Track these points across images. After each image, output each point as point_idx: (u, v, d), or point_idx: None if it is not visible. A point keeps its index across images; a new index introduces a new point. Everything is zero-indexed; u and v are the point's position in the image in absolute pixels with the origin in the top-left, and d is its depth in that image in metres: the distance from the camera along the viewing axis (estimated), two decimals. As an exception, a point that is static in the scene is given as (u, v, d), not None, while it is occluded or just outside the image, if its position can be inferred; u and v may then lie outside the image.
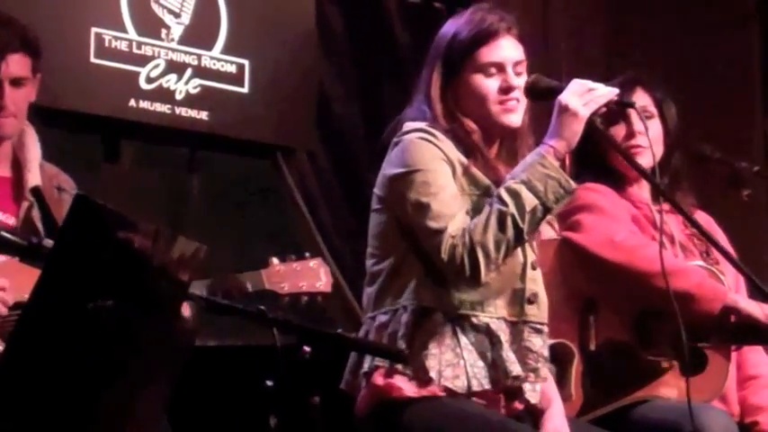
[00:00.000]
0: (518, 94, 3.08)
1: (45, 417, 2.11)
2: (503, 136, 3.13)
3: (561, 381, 3.34)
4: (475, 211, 3.00)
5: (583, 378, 3.52)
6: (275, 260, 3.52)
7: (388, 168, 3.06)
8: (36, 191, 3.29)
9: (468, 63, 3.08)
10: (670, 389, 3.49)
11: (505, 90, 3.07)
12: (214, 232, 5.10)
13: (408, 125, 3.07)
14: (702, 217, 3.59)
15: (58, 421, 2.12)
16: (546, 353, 3.08)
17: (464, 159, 3.04)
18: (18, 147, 3.35)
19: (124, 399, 2.25)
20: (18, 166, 3.34)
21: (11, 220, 3.26)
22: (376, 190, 3.10)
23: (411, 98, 3.16)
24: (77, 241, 2.14)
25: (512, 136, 3.14)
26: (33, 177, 3.32)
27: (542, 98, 3.11)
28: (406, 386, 2.97)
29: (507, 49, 3.09)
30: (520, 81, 3.08)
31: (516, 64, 3.09)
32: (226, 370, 4.64)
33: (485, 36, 3.07)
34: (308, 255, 3.67)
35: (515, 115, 3.08)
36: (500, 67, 3.07)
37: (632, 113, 3.63)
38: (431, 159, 3.00)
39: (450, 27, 3.13)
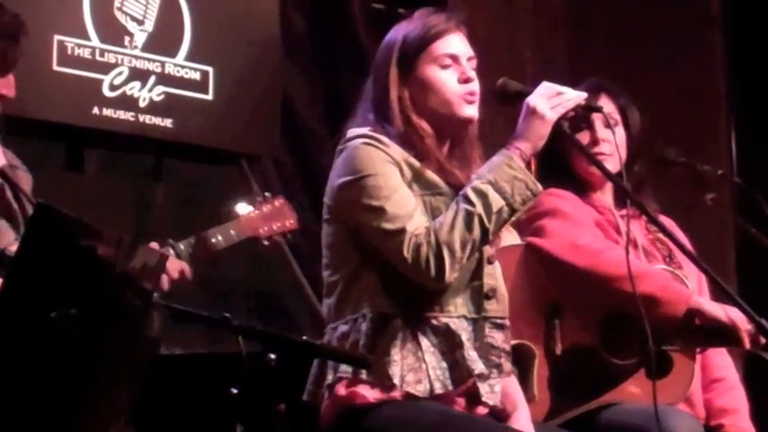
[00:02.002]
0: (475, 86, 3.08)
1: (6, 426, 2.09)
2: (455, 134, 3.13)
3: (524, 381, 3.34)
4: (428, 211, 3.00)
5: (549, 382, 3.53)
6: (244, 206, 3.62)
7: (336, 177, 3.04)
8: (2, 171, 3.27)
9: (421, 58, 3.07)
10: (636, 392, 3.50)
11: (465, 81, 3.07)
12: (179, 240, 5.08)
13: (351, 131, 3.06)
14: (665, 221, 3.60)
15: (20, 430, 2.10)
16: (508, 347, 3.08)
17: (414, 162, 3.02)
18: None
19: (87, 407, 2.24)
20: None
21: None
22: (326, 200, 3.09)
23: (354, 110, 3.15)
24: (40, 249, 2.13)
25: (461, 136, 3.13)
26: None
27: (511, 102, 3.11)
28: (368, 393, 2.96)
29: (459, 44, 3.10)
30: (474, 75, 3.09)
31: (469, 59, 3.10)
32: (191, 378, 4.62)
33: (435, 33, 3.08)
34: (267, 195, 3.74)
35: (474, 108, 3.08)
36: (455, 59, 3.08)
37: (596, 121, 3.65)
38: (379, 163, 2.98)
39: (398, 32, 3.12)
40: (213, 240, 3.58)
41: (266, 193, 3.77)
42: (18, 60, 3.24)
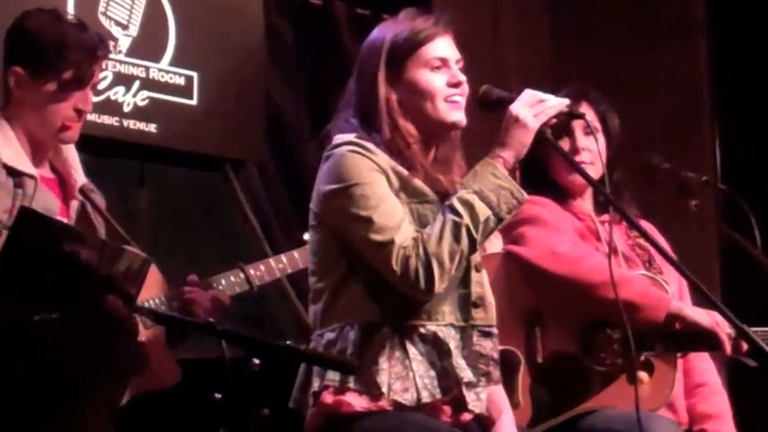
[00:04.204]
0: (465, 89, 3.08)
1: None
2: (440, 140, 3.12)
3: (509, 388, 3.34)
4: (416, 219, 2.99)
5: (531, 390, 3.53)
6: (309, 235, 3.67)
7: (322, 184, 3.02)
8: (83, 189, 3.30)
9: (411, 61, 3.06)
10: (618, 398, 3.50)
11: (455, 85, 3.06)
12: (163, 245, 5.07)
13: (337, 138, 3.04)
14: (645, 226, 3.60)
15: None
16: (496, 355, 3.07)
17: (401, 170, 3.01)
18: (56, 148, 3.35)
19: (70, 412, 2.23)
20: (54, 167, 3.34)
21: (63, 221, 3.23)
22: (312, 206, 3.07)
23: (337, 111, 3.13)
24: (23, 254, 2.12)
25: (446, 142, 3.13)
26: (80, 176, 3.35)
27: (493, 109, 3.11)
28: (355, 401, 2.95)
29: (448, 47, 3.09)
30: (464, 78, 3.09)
31: (457, 61, 3.10)
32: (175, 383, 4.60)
33: (425, 37, 3.06)
34: None
35: (461, 112, 3.07)
36: (444, 63, 3.07)
37: (577, 129, 3.65)
38: (366, 171, 2.97)
39: (384, 33, 3.10)
40: (258, 273, 3.60)
41: None
42: (95, 76, 3.28)
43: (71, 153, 3.37)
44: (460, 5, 5.57)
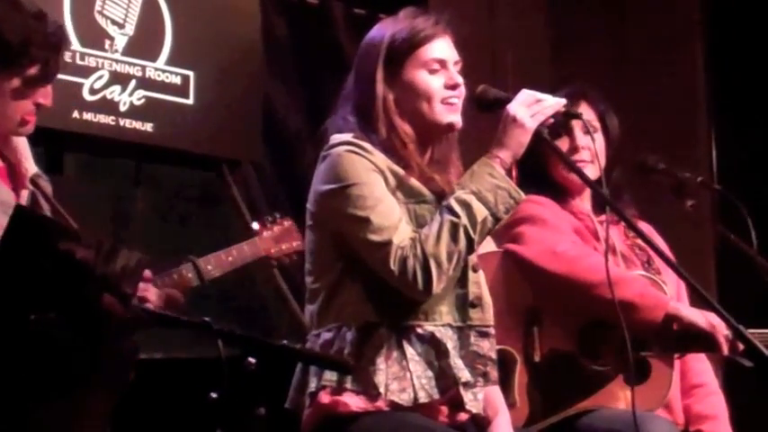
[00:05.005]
0: (462, 91, 3.08)
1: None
2: (437, 140, 3.12)
3: (504, 387, 3.34)
4: (413, 219, 2.99)
5: (528, 389, 3.53)
6: (257, 225, 3.62)
7: (319, 184, 3.02)
8: (32, 179, 3.25)
9: (409, 62, 3.06)
10: (615, 398, 3.51)
11: (452, 87, 3.06)
12: (159, 245, 5.07)
13: (334, 138, 3.04)
14: (644, 227, 3.61)
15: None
16: (494, 355, 3.07)
17: (398, 169, 3.01)
18: (5, 137, 3.27)
19: (66, 412, 2.23)
20: (2, 155, 3.28)
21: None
22: (309, 206, 3.06)
23: (335, 108, 3.13)
24: (18, 253, 2.12)
25: (443, 142, 3.13)
26: (31, 166, 3.27)
27: (490, 109, 3.11)
28: (351, 401, 2.95)
29: (447, 48, 3.09)
30: (461, 80, 3.09)
31: (455, 63, 3.10)
32: (171, 382, 4.61)
33: (424, 37, 3.07)
34: (278, 216, 3.74)
35: (457, 114, 3.07)
36: (443, 64, 3.07)
37: (575, 128, 3.65)
38: (363, 172, 2.97)
39: (383, 31, 3.10)
40: (209, 267, 3.58)
41: (276, 214, 3.78)
42: (58, 71, 3.19)
43: (21, 141, 3.29)
44: (458, 5, 5.56)
